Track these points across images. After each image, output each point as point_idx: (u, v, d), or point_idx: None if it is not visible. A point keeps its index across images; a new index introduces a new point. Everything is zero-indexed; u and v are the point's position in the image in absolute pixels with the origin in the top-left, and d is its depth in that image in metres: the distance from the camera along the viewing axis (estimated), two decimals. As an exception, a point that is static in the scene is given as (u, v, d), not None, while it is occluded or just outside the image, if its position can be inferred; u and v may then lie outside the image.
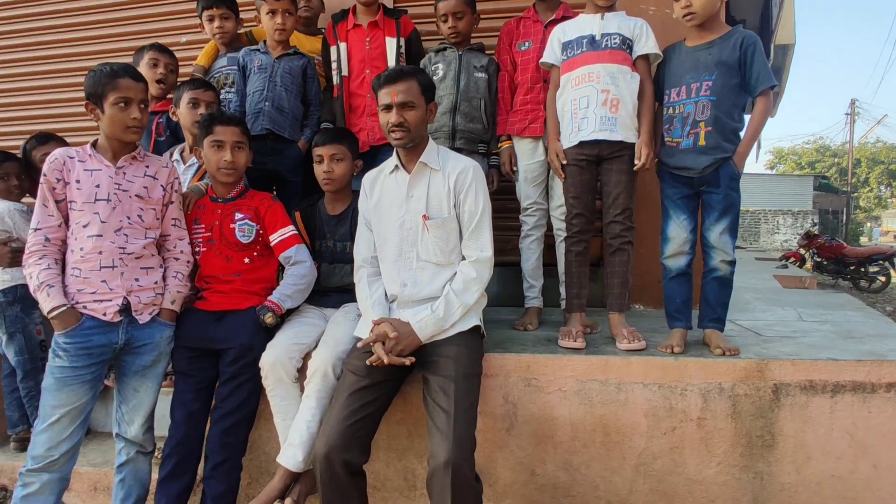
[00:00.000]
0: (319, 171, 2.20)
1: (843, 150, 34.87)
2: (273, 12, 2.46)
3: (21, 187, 2.48)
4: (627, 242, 2.20)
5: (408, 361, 1.75)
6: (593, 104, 2.12)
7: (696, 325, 2.17)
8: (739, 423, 1.93)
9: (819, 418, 1.91)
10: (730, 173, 2.03)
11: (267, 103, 2.47)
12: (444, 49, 2.56)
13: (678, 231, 2.13)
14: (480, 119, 2.51)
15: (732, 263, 2.10)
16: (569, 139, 2.21)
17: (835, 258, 10.09)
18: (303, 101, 2.60)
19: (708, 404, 1.93)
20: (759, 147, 9.25)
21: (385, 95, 1.88)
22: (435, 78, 2.43)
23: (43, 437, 1.75)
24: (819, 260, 10.37)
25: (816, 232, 12.76)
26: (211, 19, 2.67)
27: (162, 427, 2.03)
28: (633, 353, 2.02)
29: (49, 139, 2.56)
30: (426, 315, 1.81)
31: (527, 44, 2.47)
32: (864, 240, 27.32)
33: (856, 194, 33.26)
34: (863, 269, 9.80)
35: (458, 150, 2.30)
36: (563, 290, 2.47)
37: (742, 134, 2.07)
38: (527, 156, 2.50)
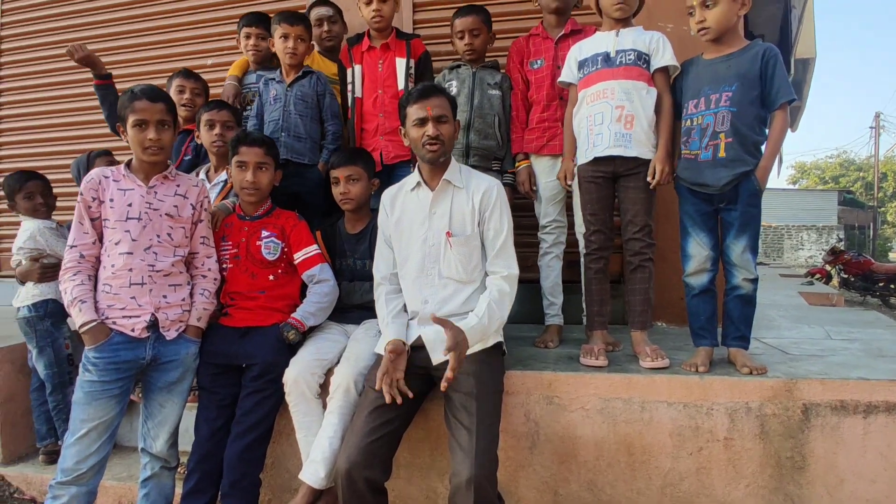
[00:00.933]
0: (337, 192, 2.25)
1: (868, 163, 34.18)
2: (286, 36, 2.49)
3: (47, 204, 2.57)
4: (648, 259, 2.18)
5: (410, 394, 1.76)
6: (608, 120, 2.13)
7: (720, 342, 2.14)
8: (768, 444, 1.88)
9: (851, 440, 1.85)
10: (750, 189, 2.01)
11: (283, 133, 2.50)
12: (458, 66, 2.61)
13: (698, 248, 2.11)
14: (494, 136, 2.53)
15: (755, 281, 2.07)
16: (584, 155, 2.22)
17: (862, 275, 9.84)
18: (320, 118, 2.62)
19: (735, 424, 1.89)
20: (780, 162, 9.13)
21: (419, 110, 1.91)
22: None
23: (72, 451, 1.78)
24: (846, 276, 10.13)
25: (842, 248, 12.50)
26: (248, 36, 2.78)
27: (185, 442, 2.05)
28: (657, 372, 1.99)
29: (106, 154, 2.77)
30: (475, 322, 1.79)
31: (539, 62, 2.50)
32: (892, 255, 26.63)
33: (882, 209, 32.47)
34: (892, 286, 9.54)
35: (472, 167, 2.31)
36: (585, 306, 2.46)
37: (763, 148, 2.04)
38: (545, 174, 2.51)
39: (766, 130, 2.03)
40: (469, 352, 1.80)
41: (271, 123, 2.55)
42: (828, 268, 10.56)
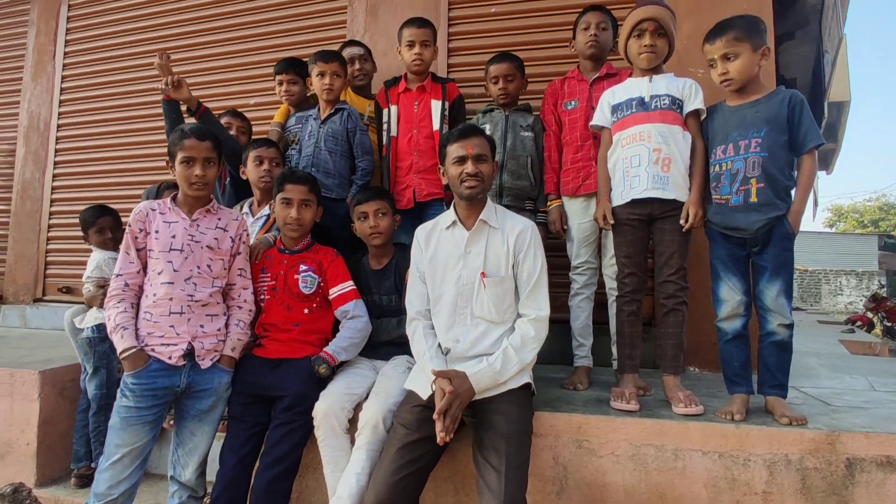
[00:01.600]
0: (365, 227, 2.29)
1: (909, 207, 33.10)
2: (322, 74, 2.62)
3: (115, 239, 2.75)
4: (682, 303, 2.15)
5: (448, 438, 1.71)
6: (645, 162, 2.14)
7: (756, 390, 2.07)
8: (810, 500, 1.79)
9: (899, 499, 1.75)
10: (783, 233, 1.99)
11: (314, 169, 2.60)
12: (492, 110, 2.68)
13: (730, 293, 2.08)
14: (527, 176, 2.57)
15: (791, 326, 2.02)
16: (621, 196, 2.22)
17: (907, 323, 9.41)
18: (350, 153, 2.70)
19: (774, 477, 1.82)
20: (815, 204, 8.93)
21: (459, 148, 1.97)
22: None
23: (105, 476, 1.82)
24: (889, 325, 9.68)
25: (885, 294, 11.98)
26: (281, 83, 2.94)
27: (210, 472, 2.07)
28: (691, 418, 1.94)
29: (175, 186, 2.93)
30: (483, 367, 1.81)
31: (573, 103, 2.54)
32: (938, 304, 25.34)
33: (926, 254, 31.14)
34: (939, 336, 9.09)
35: (506, 207, 2.35)
36: (614, 349, 2.43)
37: (793, 193, 2.03)
38: (579, 215, 2.52)
39: (795, 174, 2.03)
40: (497, 391, 1.79)
41: (305, 159, 2.66)
42: (869, 315, 10.12)
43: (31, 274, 4.39)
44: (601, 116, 2.34)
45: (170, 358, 1.90)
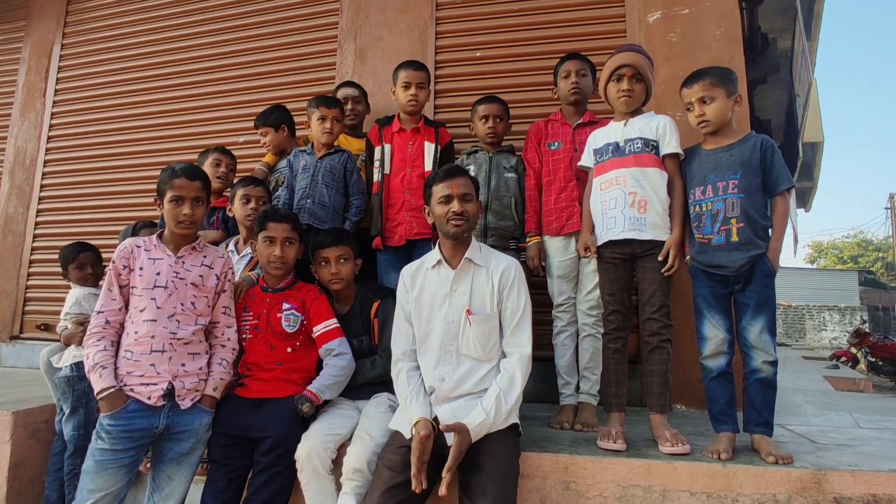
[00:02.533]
0: (326, 272, 2.28)
1: (886, 244, 33.92)
2: (323, 118, 2.71)
3: (95, 274, 2.74)
4: (666, 340, 2.16)
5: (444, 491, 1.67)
6: (621, 205, 2.20)
7: (742, 428, 2.07)
8: (799, 542, 1.77)
9: (887, 539, 1.74)
10: (764, 270, 2.03)
11: (309, 200, 2.65)
12: (475, 152, 2.73)
13: (714, 331, 2.10)
14: (511, 216, 2.61)
15: (775, 363, 2.03)
16: (600, 237, 2.28)
17: (891, 358, 9.49)
18: (345, 192, 2.77)
19: (762, 518, 1.80)
20: (796, 241, 9.12)
21: (445, 188, 2.01)
22: None
23: (77, 523, 1.75)
24: (873, 360, 9.77)
25: (867, 329, 12.13)
26: (265, 134, 3.04)
27: (190, 518, 2.00)
28: (678, 458, 1.92)
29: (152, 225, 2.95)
30: (480, 419, 1.77)
31: (556, 143, 2.60)
32: (920, 339, 25.67)
33: (905, 290, 31.75)
34: (923, 371, 9.18)
35: (491, 247, 2.38)
36: (581, 383, 2.48)
37: (770, 232, 2.08)
38: (559, 253, 2.55)
39: (769, 215, 2.09)
40: (483, 433, 1.77)
41: (300, 192, 2.70)
42: (853, 350, 10.22)
43: (10, 310, 4.30)
44: (587, 158, 2.41)
45: (149, 398, 1.86)
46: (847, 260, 37.72)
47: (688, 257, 2.19)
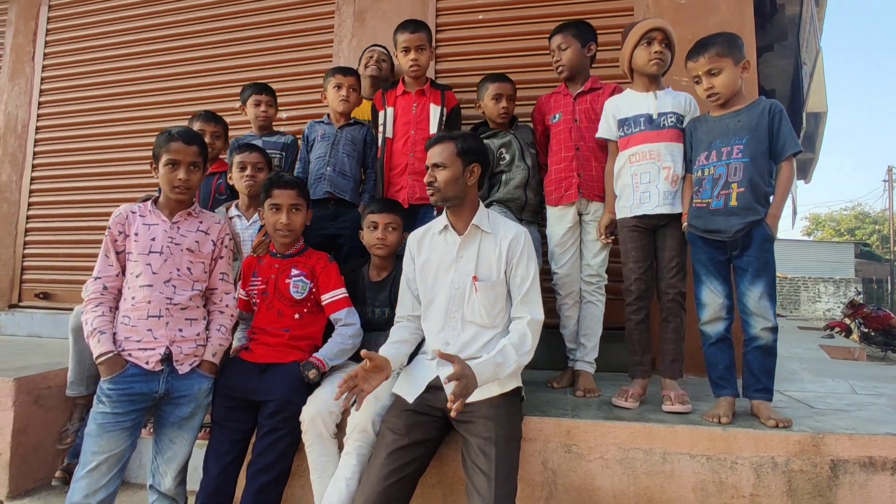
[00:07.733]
0: (372, 237, 2.27)
1: (882, 216, 33.95)
2: (339, 86, 2.70)
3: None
4: (679, 309, 2.21)
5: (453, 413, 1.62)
6: (655, 180, 2.21)
7: (742, 394, 2.09)
8: (796, 502, 1.80)
9: (880, 498, 1.77)
10: (763, 236, 2.01)
11: (329, 168, 2.63)
12: (496, 133, 2.62)
13: (712, 297, 2.10)
14: (541, 192, 2.62)
15: (774, 330, 2.03)
16: (630, 209, 2.27)
17: (883, 329, 9.60)
18: (362, 165, 2.77)
19: (761, 480, 1.82)
20: (795, 213, 9.11)
21: (427, 158, 1.99)
22: (502, 163, 2.57)
23: (82, 484, 1.76)
24: (866, 330, 9.88)
25: (861, 301, 12.21)
26: (257, 104, 2.90)
27: (193, 481, 2.01)
28: (679, 422, 1.94)
29: None
30: (485, 358, 1.76)
31: (557, 116, 2.56)
32: (912, 310, 25.97)
33: (900, 263, 31.97)
34: (916, 342, 9.29)
35: (522, 221, 2.46)
36: (578, 349, 2.52)
37: (771, 199, 2.06)
38: (556, 222, 2.53)
39: (774, 182, 2.07)
40: (487, 395, 1.77)
41: (318, 160, 2.68)
42: (847, 321, 10.32)
43: (7, 279, 4.28)
44: (606, 128, 2.37)
45: (147, 363, 1.85)
46: (844, 232, 37.84)
47: (685, 223, 2.18)
